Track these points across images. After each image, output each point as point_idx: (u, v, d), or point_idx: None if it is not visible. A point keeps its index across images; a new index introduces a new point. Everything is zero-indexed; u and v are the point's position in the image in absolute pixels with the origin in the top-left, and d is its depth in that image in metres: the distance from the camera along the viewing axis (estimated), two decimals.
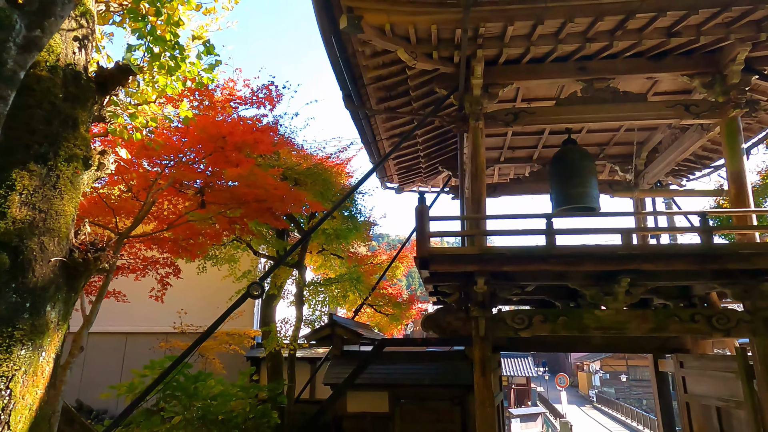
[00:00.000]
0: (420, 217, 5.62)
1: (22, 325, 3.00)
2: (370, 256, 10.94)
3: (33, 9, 1.96)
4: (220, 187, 5.01)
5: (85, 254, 3.24)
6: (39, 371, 3.10)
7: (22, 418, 2.96)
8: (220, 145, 4.64)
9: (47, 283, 3.16)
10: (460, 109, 6.62)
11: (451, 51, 6.01)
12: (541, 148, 9.17)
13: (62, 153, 3.32)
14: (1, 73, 1.88)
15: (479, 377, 5.66)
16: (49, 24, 2.00)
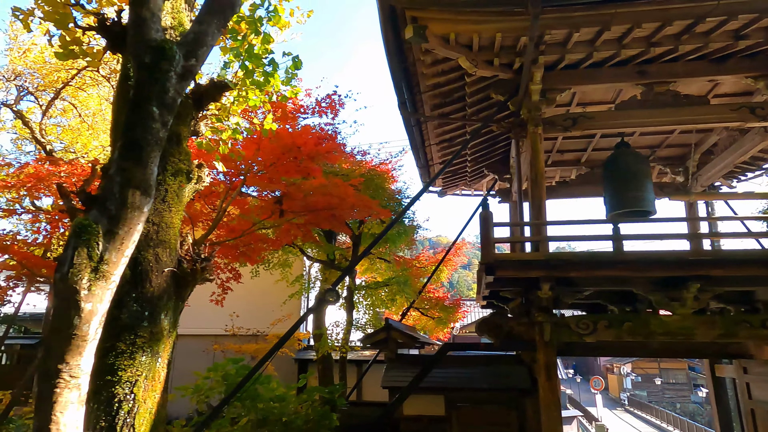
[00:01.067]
0: (485, 224, 5.68)
1: (142, 332, 3.17)
2: (413, 259, 11.02)
3: (188, 40, 2.10)
4: (296, 196, 5.14)
5: (194, 264, 3.39)
6: (157, 377, 3.25)
7: (144, 422, 3.12)
8: (294, 155, 4.78)
9: (162, 293, 3.33)
10: (517, 115, 6.65)
11: (511, 58, 6.06)
12: (591, 152, 9.12)
13: (169, 168, 3.49)
14: (164, 101, 2.02)
15: (544, 381, 5.68)
16: (202, 53, 2.13)
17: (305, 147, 4.81)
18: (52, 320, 2.04)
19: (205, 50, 2.14)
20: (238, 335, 10.05)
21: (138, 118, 2.00)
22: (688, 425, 28.90)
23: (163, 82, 1.99)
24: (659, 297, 5.66)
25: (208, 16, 2.13)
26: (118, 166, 2.00)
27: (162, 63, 1.98)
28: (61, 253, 2.06)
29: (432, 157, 9.50)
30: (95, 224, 1.97)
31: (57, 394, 2.03)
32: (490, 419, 7.21)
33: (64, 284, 1.96)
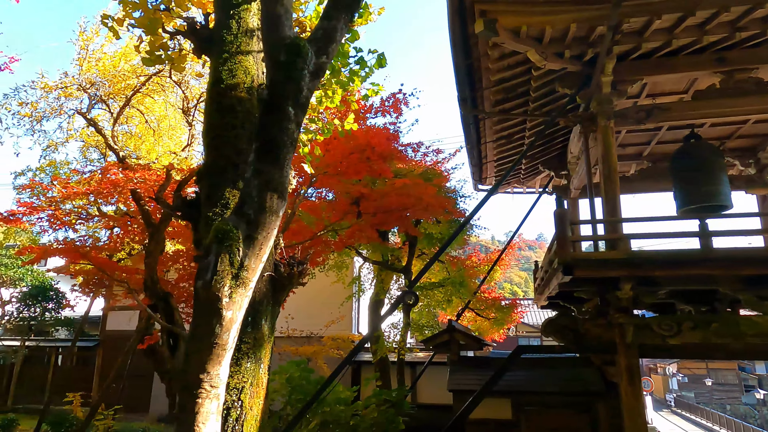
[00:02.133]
0: (561, 222, 5.49)
1: (247, 338, 3.11)
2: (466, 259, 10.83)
3: (318, 36, 2.02)
4: (372, 197, 5.07)
5: (291, 268, 3.33)
6: (260, 383, 3.20)
7: (251, 429, 3.06)
8: (367, 155, 4.70)
9: (262, 297, 3.27)
10: (587, 108, 6.42)
11: (583, 49, 5.85)
12: (654, 145, 8.77)
13: None
14: (298, 100, 1.94)
15: (627, 386, 5.44)
16: (332, 49, 2.05)
17: (378, 147, 4.72)
18: (192, 329, 1.98)
19: (334, 46, 2.06)
20: (292, 337, 10.06)
21: (274, 119, 1.93)
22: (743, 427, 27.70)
23: (298, 80, 1.91)
24: (749, 296, 5.36)
25: (336, 11, 2.05)
26: (255, 168, 1.93)
27: (297, 61, 1.91)
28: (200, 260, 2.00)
29: (486, 155, 9.32)
30: (235, 230, 1.90)
31: (199, 404, 1.97)
32: (561, 423, 7.00)
33: (207, 292, 1.90)
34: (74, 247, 6.07)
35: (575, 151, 8.86)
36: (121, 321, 13.82)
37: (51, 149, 8.04)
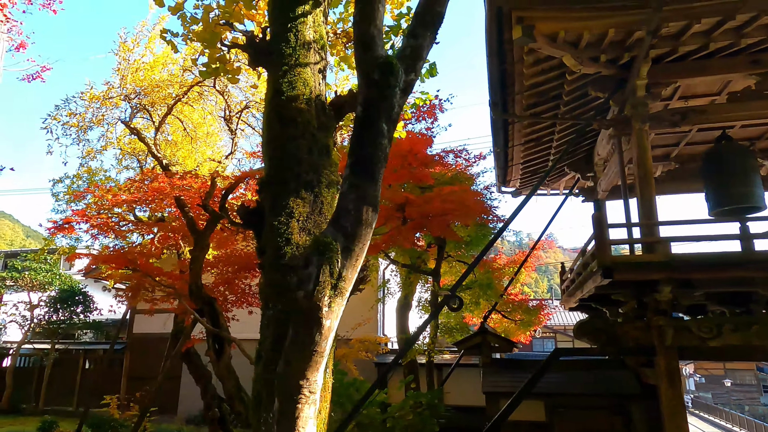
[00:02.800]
0: (599, 225, 5.52)
1: None
2: (492, 260, 10.86)
3: (406, 54, 2.09)
4: (416, 202, 5.14)
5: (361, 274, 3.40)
6: (327, 386, 3.29)
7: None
8: (409, 161, 4.77)
9: None
10: (620, 112, 6.45)
11: (618, 53, 5.88)
12: (682, 147, 8.75)
13: (323, 180, 3.52)
14: (391, 117, 2.02)
15: (667, 388, 5.46)
16: (419, 67, 2.13)
17: (420, 153, 4.80)
18: (292, 337, 2.07)
19: (421, 64, 2.13)
20: None
21: (369, 135, 2.01)
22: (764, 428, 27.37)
23: (390, 98, 1.99)
24: None
25: (422, 29, 2.13)
26: (351, 182, 2.01)
27: (390, 79, 1.99)
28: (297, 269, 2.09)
29: (512, 158, 9.36)
30: (334, 242, 1.98)
31: (299, 410, 2.06)
32: (595, 425, 7.02)
33: (309, 302, 1.98)
34: (123, 253, 6.21)
35: (603, 154, 8.88)
36: (147, 324, 14.00)
37: (89, 157, 8.26)
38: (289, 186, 3.42)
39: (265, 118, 3.73)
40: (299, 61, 3.65)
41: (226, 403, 5.53)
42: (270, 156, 3.54)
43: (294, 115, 3.52)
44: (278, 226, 3.32)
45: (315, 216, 3.44)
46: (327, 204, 3.55)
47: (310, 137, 3.55)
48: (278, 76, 3.60)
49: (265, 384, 3.16)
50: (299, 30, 3.72)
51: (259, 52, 3.76)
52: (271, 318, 3.26)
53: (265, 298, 3.36)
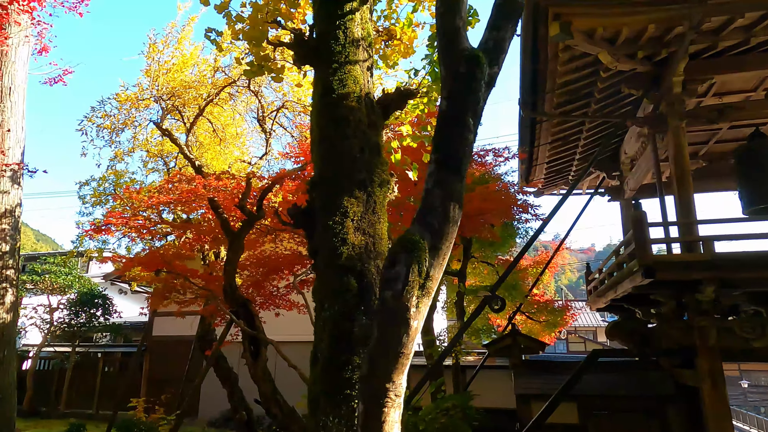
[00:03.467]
0: (639, 225, 5.43)
1: None
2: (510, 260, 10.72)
3: (489, 47, 2.03)
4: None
5: None
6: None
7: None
8: None
9: None
10: (656, 109, 6.35)
11: (655, 49, 5.79)
12: (712, 144, 8.63)
13: (375, 179, 3.46)
14: (476, 111, 1.96)
15: (710, 390, 5.35)
16: (502, 60, 2.07)
17: None
18: (378, 338, 2.01)
19: (503, 57, 2.07)
20: None
21: (455, 130, 1.95)
22: None
23: (477, 92, 1.93)
24: None
25: (504, 21, 2.07)
26: (437, 179, 1.95)
27: (477, 72, 1.92)
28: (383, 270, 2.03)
29: (537, 157, 9.28)
30: (422, 240, 1.92)
31: (385, 413, 1.99)
32: (630, 428, 6.90)
33: (397, 302, 1.92)
34: (158, 255, 6.20)
35: (630, 152, 8.78)
36: (166, 327, 14.02)
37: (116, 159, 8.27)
38: (342, 185, 3.37)
39: (313, 117, 3.68)
40: (349, 58, 3.60)
41: (262, 405, 5.49)
42: (321, 155, 3.49)
43: (346, 114, 3.47)
44: (333, 226, 3.27)
45: (369, 215, 3.38)
46: (380, 203, 3.50)
47: (361, 136, 3.50)
48: (328, 74, 3.55)
49: (324, 386, 3.12)
50: (348, 27, 3.68)
51: (307, 50, 3.71)
52: (327, 319, 3.21)
53: (320, 298, 3.30)
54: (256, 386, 6.06)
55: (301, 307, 8.08)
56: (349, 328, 3.08)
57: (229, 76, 6.89)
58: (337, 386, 3.03)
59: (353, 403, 3.04)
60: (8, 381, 7.03)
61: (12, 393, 7.04)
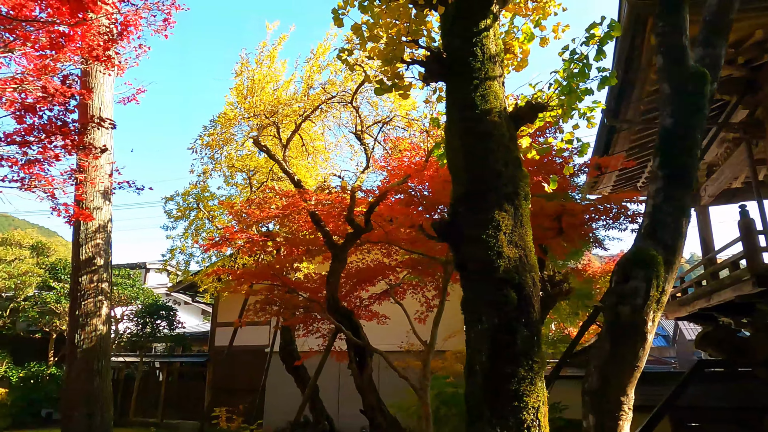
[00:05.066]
0: (748, 232, 5.33)
1: (537, 357, 3.16)
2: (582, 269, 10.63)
3: (707, 64, 2.07)
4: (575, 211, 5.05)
5: (559, 286, 3.37)
6: (545, 402, 3.23)
7: None
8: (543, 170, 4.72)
9: (539, 317, 3.32)
10: (751, 115, 6.25)
11: (755, 54, 5.71)
12: None
13: (521, 192, 3.51)
14: (702, 126, 1.98)
15: None
16: (717, 75, 2.10)
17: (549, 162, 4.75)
18: (611, 352, 2.04)
19: (719, 72, 2.11)
20: (412, 351, 10.10)
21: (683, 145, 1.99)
22: None
23: (703, 108, 1.96)
24: None
25: (716, 38, 2.10)
26: (666, 194, 1.98)
27: (705, 89, 1.96)
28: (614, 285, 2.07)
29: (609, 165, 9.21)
30: (657, 255, 1.95)
31: (620, 426, 2.02)
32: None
33: (635, 317, 1.95)
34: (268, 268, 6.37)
35: (708, 158, 8.63)
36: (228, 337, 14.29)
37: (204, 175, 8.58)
38: (490, 199, 3.42)
39: (451, 132, 3.76)
40: (488, 74, 3.67)
41: (366, 415, 5.55)
42: (466, 170, 3.55)
43: (490, 129, 3.53)
44: (487, 240, 3.32)
45: (519, 228, 3.42)
46: (526, 216, 3.53)
47: (505, 150, 3.55)
48: (468, 90, 3.61)
49: (487, 398, 3.16)
50: (484, 44, 3.75)
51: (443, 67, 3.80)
52: (484, 332, 3.25)
53: (475, 312, 3.35)
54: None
55: (382, 317, 8.15)
56: (511, 340, 3.11)
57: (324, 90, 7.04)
58: (502, 398, 3.06)
59: (521, 415, 3.07)
60: (107, 391, 7.29)
61: (110, 403, 7.30)
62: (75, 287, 7.54)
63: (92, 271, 7.53)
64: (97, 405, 7.01)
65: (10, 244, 15.57)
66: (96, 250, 7.64)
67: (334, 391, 11.47)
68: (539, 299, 3.37)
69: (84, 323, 7.28)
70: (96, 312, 7.43)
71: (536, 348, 3.25)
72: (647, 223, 2.02)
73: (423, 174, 5.58)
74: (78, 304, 7.38)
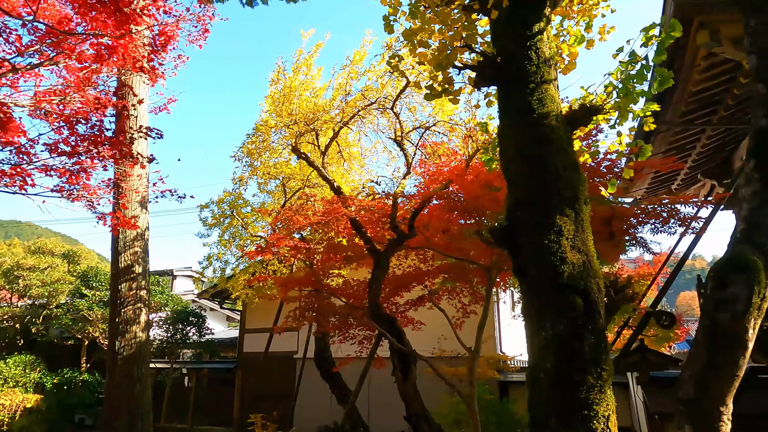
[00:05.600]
0: None
1: (605, 365, 3.10)
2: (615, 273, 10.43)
3: None
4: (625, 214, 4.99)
5: (623, 291, 3.31)
6: (614, 410, 3.17)
7: None
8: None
9: (605, 323, 3.26)
10: None
11: None
12: None
13: (580, 196, 3.46)
14: None
15: None
16: None
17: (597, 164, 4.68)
18: (709, 360, 1.98)
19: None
20: (444, 357, 10.05)
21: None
22: None
23: None
24: None
25: None
26: (762, 197, 1.93)
27: None
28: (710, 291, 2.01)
29: (644, 168, 9.07)
30: (757, 260, 1.89)
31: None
32: None
33: (735, 324, 1.89)
34: (309, 274, 6.40)
35: None
36: (256, 343, 14.35)
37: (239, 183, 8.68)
38: (551, 203, 3.38)
39: (504, 137, 3.74)
40: (544, 78, 3.64)
41: (410, 422, 5.51)
42: (525, 174, 3.51)
43: (548, 133, 3.50)
44: (549, 245, 3.28)
45: (580, 233, 3.37)
46: (586, 221, 3.48)
47: (563, 154, 3.51)
48: (525, 94, 3.59)
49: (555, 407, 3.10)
50: (538, 47, 3.72)
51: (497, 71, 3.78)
52: (550, 339, 3.20)
53: (538, 318, 3.31)
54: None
55: (417, 323, 8.11)
56: (578, 347, 3.06)
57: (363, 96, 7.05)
58: (571, 407, 3.00)
59: (591, 425, 3.01)
60: (147, 398, 7.37)
61: (150, 409, 7.38)
62: (115, 295, 7.65)
63: (131, 279, 7.64)
64: (138, 411, 7.09)
65: (43, 252, 15.89)
66: (134, 258, 7.75)
67: (363, 397, 11.43)
68: (604, 305, 3.31)
69: (124, 330, 7.38)
70: (135, 319, 7.53)
71: (604, 355, 3.19)
72: (743, 227, 1.97)
73: (463, 179, 5.56)
74: (118, 311, 7.49)
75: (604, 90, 3.83)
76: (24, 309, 15.82)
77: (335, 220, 6.20)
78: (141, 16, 5.76)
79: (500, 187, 5.30)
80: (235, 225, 8.71)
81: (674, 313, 6.30)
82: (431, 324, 8.99)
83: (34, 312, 15.58)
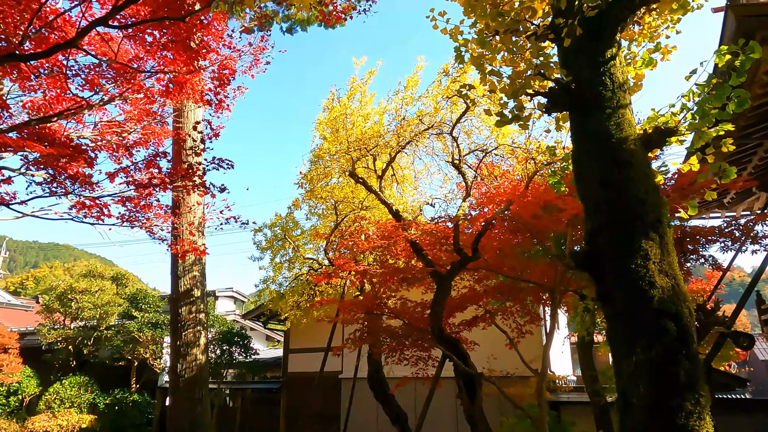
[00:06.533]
0: None
1: (703, 391, 3.07)
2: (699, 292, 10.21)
3: None
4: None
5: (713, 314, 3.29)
6: None
7: None
8: None
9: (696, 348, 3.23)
10: None
11: None
12: None
13: (663, 220, 3.46)
14: None
15: None
16: None
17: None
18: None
19: None
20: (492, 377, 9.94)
21: None
22: None
23: None
24: None
25: None
26: None
27: None
28: None
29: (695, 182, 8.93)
30: None
31: None
32: None
33: None
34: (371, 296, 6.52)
35: None
36: (300, 363, 14.47)
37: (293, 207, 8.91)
38: (635, 228, 3.40)
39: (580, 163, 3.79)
40: (620, 102, 3.69)
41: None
42: (605, 199, 3.54)
43: (628, 158, 3.54)
44: (636, 269, 3.29)
45: (667, 257, 3.37)
46: (671, 244, 3.48)
47: (644, 178, 3.54)
48: (602, 119, 3.64)
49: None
50: (612, 73, 3.78)
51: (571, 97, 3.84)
52: (640, 364, 3.19)
53: (626, 343, 3.30)
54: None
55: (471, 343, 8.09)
56: (674, 372, 3.05)
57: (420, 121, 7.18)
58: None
59: None
60: (207, 418, 7.53)
61: (210, 430, 7.52)
62: (175, 318, 7.88)
63: (190, 303, 7.87)
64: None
65: (94, 275, 16.44)
66: (193, 282, 7.99)
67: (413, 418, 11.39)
68: (695, 330, 3.29)
69: (185, 353, 7.57)
70: (195, 342, 7.73)
71: (700, 381, 3.17)
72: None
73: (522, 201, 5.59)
74: (179, 334, 7.70)
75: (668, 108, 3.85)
76: (76, 331, 16.34)
77: (394, 243, 6.29)
78: (208, 52, 6.03)
79: (563, 208, 5.31)
80: (287, 248, 8.90)
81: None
82: (481, 344, 8.95)
83: (86, 334, 16.07)
